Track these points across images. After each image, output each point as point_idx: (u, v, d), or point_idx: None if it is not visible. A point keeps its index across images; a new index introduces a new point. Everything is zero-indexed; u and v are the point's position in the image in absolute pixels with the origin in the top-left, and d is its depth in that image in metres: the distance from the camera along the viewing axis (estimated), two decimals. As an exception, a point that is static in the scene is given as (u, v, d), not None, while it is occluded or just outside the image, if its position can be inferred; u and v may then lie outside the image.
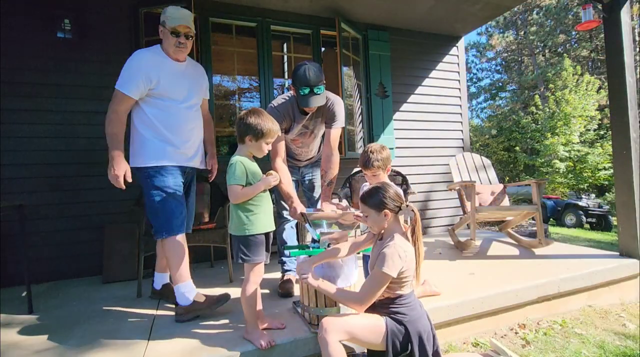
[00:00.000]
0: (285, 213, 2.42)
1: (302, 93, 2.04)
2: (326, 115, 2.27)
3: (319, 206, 2.39)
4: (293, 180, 2.39)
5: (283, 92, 7.17)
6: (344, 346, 1.47)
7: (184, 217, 2.05)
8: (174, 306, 2.07)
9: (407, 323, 1.48)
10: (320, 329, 1.44)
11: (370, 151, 1.95)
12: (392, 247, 1.46)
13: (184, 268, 2.00)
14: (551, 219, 9.20)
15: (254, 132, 1.66)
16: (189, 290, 2.00)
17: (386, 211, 1.51)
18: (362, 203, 1.57)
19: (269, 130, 1.67)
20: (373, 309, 1.57)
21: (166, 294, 2.31)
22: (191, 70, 2.14)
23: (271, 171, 1.77)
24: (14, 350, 1.73)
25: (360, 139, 4.20)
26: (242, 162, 1.66)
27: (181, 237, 2.01)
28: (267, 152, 1.76)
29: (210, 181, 2.48)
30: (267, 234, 1.75)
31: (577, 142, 11.58)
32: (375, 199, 1.53)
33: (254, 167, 1.72)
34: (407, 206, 1.55)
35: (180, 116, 2.04)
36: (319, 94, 2.07)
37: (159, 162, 1.97)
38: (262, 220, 1.69)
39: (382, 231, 1.61)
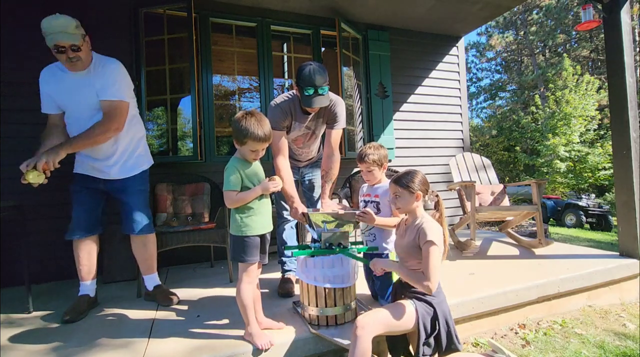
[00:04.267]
0: (285, 213, 2.42)
1: (306, 93, 2.04)
2: (327, 116, 2.27)
3: (318, 206, 2.39)
4: (293, 180, 2.38)
5: (283, 92, 7.17)
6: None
7: (79, 221, 2.23)
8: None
9: (436, 305, 1.55)
10: (355, 326, 1.47)
11: (367, 147, 2.07)
12: (428, 222, 1.58)
13: (80, 270, 2.24)
14: (551, 219, 9.20)
15: (236, 137, 1.62)
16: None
17: (418, 192, 1.61)
18: (396, 184, 1.64)
19: (249, 137, 1.57)
20: (402, 289, 1.66)
21: (159, 295, 2.31)
22: (85, 76, 2.04)
23: (274, 177, 1.73)
24: (14, 350, 1.73)
25: (360, 139, 4.20)
26: (236, 166, 1.63)
27: (75, 243, 2.21)
28: (257, 158, 1.70)
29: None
30: (264, 236, 1.74)
31: (577, 142, 11.58)
32: (409, 181, 1.62)
33: (252, 169, 1.69)
34: (432, 191, 1.67)
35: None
36: (323, 95, 2.07)
37: (76, 169, 2.21)
38: (257, 221, 1.68)
39: (407, 216, 1.70)
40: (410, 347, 1.69)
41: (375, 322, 1.47)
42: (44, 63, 3.02)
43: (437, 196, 1.73)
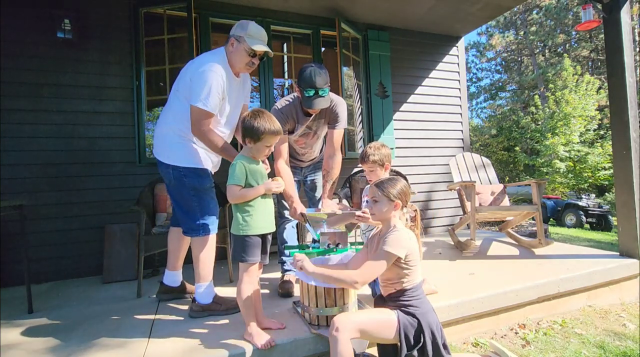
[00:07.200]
0: (287, 213, 2.42)
1: (306, 94, 2.06)
2: (329, 116, 2.28)
3: (320, 206, 2.39)
4: (295, 180, 2.40)
5: (283, 92, 7.18)
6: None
7: (218, 217, 2.12)
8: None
9: (420, 315, 1.49)
10: (331, 326, 1.44)
11: (369, 147, 2.04)
12: (396, 232, 1.52)
13: (210, 267, 2.06)
14: (551, 219, 9.20)
15: (251, 135, 1.65)
16: (210, 290, 2.06)
17: (397, 202, 1.55)
18: (377, 188, 1.59)
19: (265, 132, 1.63)
20: (384, 303, 1.59)
21: (180, 291, 2.33)
22: (240, 82, 2.13)
23: (277, 178, 1.76)
24: (14, 350, 1.73)
25: (360, 139, 4.20)
26: (242, 163, 1.66)
27: (215, 237, 2.07)
28: (268, 154, 1.74)
29: None
30: (265, 236, 1.74)
31: (577, 142, 11.57)
32: (390, 187, 1.57)
33: (256, 168, 1.71)
34: (411, 205, 1.62)
35: (222, 130, 2.06)
36: (323, 96, 2.08)
37: (200, 164, 2.02)
38: (258, 221, 1.69)
39: (380, 227, 1.63)
40: None
41: (351, 323, 1.43)
42: (44, 63, 3.05)
43: (415, 210, 1.68)
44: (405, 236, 1.52)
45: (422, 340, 1.47)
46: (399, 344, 1.48)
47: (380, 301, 1.65)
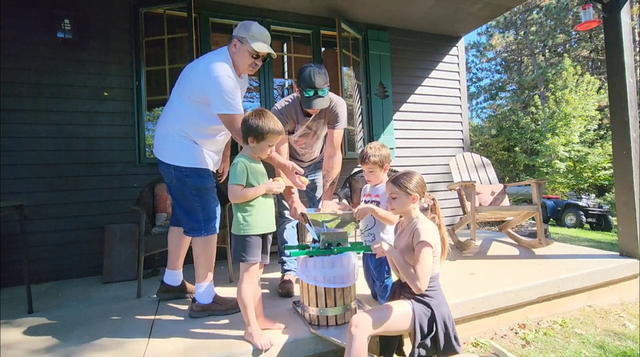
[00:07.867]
0: (287, 213, 2.42)
1: (306, 95, 2.06)
2: (329, 116, 2.28)
3: (320, 206, 2.39)
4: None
5: (283, 93, 7.17)
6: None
7: (219, 218, 2.12)
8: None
9: (433, 306, 1.54)
10: (350, 324, 1.48)
11: (369, 147, 2.03)
12: (422, 222, 1.57)
13: (211, 267, 2.07)
14: (551, 219, 9.20)
15: (254, 134, 1.65)
16: (210, 290, 2.06)
17: (415, 195, 1.60)
18: (394, 184, 1.63)
19: (269, 132, 1.65)
20: (401, 288, 1.65)
21: (180, 290, 2.34)
22: (243, 82, 2.14)
23: (278, 178, 1.77)
24: (14, 350, 1.73)
25: (360, 139, 4.20)
26: (244, 162, 1.66)
27: (215, 238, 2.07)
28: (270, 153, 1.75)
29: (221, 182, 2.41)
30: (265, 236, 1.74)
31: (577, 142, 11.57)
32: (407, 182, 1.61)
33: (257, 167, 1.72)
34: (428, 194, 1.67)
35: (222, 129, 2.06)
36: (322, 97, 2.08)
37: (202, 164, 2.02)
38: (258, 221, 1.69)
39: (402, 218, 1.68)
40: (404, 348, 1.69)
41: (371, 320, 1.47)
42: (44, 63, 3.05)
43: (433, 198, 1.73)
44: (432, 225, 1.58)
45: (434, 329, 1.51)
46: (412, 333, 1.52)
47: (397, 286, 1.71)
